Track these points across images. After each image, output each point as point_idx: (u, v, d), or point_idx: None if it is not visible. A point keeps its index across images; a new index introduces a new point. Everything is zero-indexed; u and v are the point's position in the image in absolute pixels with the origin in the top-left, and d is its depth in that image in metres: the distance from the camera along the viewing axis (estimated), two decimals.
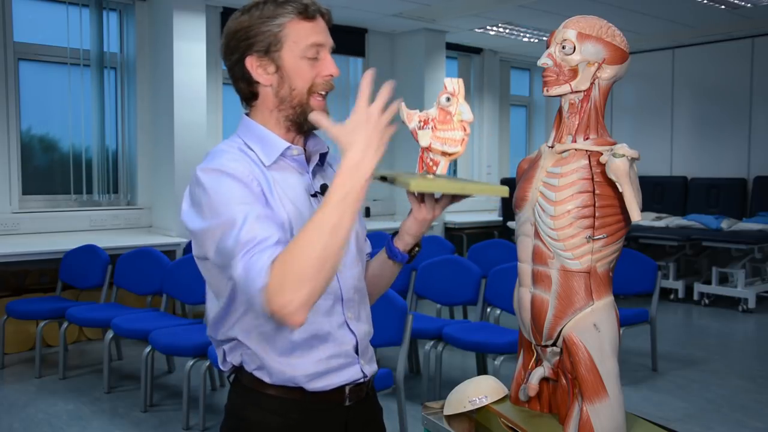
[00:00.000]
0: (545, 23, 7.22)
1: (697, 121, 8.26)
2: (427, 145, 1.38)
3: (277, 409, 1.39)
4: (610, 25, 1.48)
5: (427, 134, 1.37)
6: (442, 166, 1.39)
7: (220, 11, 6.42)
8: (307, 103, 1.39)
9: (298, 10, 1.36)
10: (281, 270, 1.17)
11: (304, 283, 1.16)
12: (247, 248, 1.21)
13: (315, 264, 1.17)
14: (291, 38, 1.37)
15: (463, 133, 1.37)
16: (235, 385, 1.44)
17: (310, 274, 1.17)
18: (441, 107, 1.38)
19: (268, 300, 1.17)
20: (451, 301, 4.63)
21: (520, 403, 1.60)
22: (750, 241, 6.49)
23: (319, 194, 1.42)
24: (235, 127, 1.56)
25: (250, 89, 1.42)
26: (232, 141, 1.44)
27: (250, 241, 1.22)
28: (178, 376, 4.55)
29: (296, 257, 1.17)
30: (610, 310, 1.47)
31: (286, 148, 1.40)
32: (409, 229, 1.50)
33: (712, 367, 4.95)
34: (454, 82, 1.37)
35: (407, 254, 1.53)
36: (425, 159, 1.40)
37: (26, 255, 5.04)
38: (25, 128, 5.81)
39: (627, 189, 1.38)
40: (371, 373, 1.48)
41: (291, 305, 1.16)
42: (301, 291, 1.16)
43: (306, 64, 1.37)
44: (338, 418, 1.43)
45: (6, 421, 3.86)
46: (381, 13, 6.92)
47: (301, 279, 1.16)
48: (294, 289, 1.16)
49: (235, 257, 1.22)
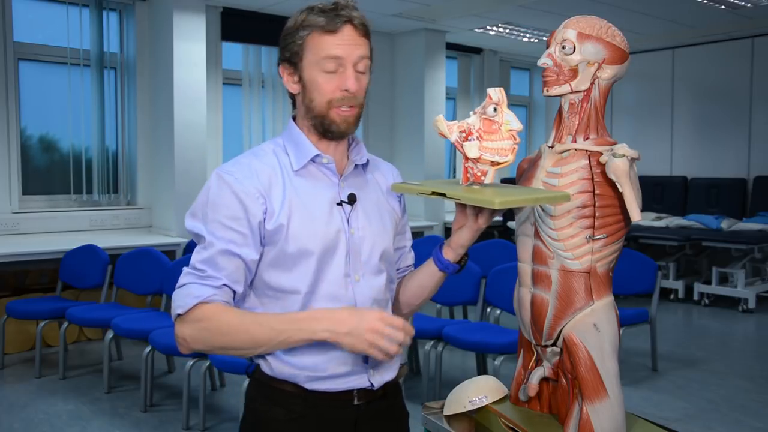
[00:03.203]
0: (545, 23, 7.22)
1: (697, 121, 8.26)
2: (476, 156, 1.37)
3: (284, 402, 1.41)
4: (610, 25, 1.48)
5: (474, 145, 1.37)
6: (489, 175, 1.39)
7: (220, 11, 6.42)
8: (326, 115, 1.40)
9: (320, 22, 1.37)
10: (199, 319, 1.33)
11: (204, 344, 1.35)
12: (195, 273, 1.36)
13: (220, 344, 1.34)
14: (311, 51, 1.38)
15: (512, 142, 1.37)
16: (251, 378, 1.48)
17: (212, 344, 1.35)
18: (486, 117, 1.37)
19: (176, 323, 1.36)
20: (451, 301, 4.63)
21: (520, 403, 1.60)
22: (750, 241, 6.49)
23: (345, 203, 1.44)
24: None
25: (290, 93, 1.47)
26: (274, 142, 1.48)
27: (201, 270, 1.35)
28: (178, 376, 4.55)
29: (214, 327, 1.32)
30: (610, 310, 1.47)
31: (316, 155, 1.43)
32: (464, 241, 1.49)
33: (712, 367, 4.95)
34: (498, 91, 1.38)
35: (458, 264, 1.53)
36: (473, 170, 1.39)
37: (26, 255, 5.04)
38: (25, 128, 5.81)
39: (627, 189, 1.38)
40: (380, 384, 1.46)
41: (186, 345, 1.36)
42: (197, 344, 1.35)
43: (323, 78, 1.38)
44: (347, 415, 1.43)
45: (6, 421, 3.86)
46: (381, 13, 6.92)
47: (204, 340, 1.34)
48: (194, 339, 1.34)
49: (185, 271, 1.38)
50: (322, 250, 1.38)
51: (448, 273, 1.53)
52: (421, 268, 1.57)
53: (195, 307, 1.32)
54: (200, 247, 1.38)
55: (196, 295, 1.33)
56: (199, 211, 1.39)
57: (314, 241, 1.38)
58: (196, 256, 1.37)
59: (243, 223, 1.35)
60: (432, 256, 1.54)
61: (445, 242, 1.53)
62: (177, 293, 1.36)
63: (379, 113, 7.89)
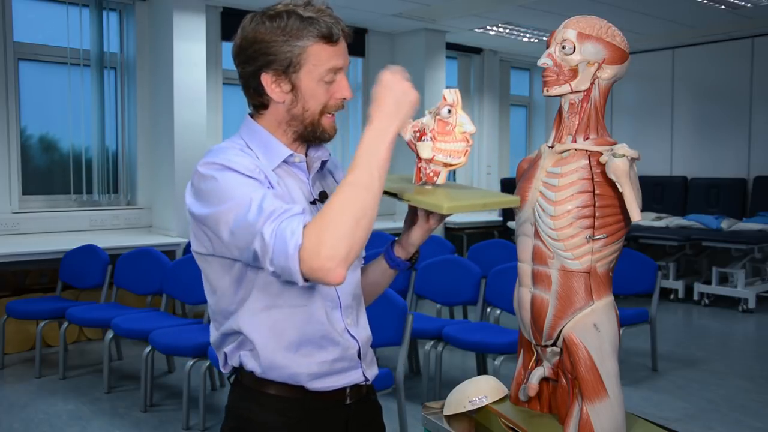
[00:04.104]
0: (545, 23, 7.22)
1: (697, 121, 8.26)
2: (429, 157, 1.36)
3: (277, 407, 1.39)
4: (610, 25, 1.48)
5: (427, 146, 1.36)
6: (442, 175, 1.38)
7: (220, 11, 6.42)
8: (318, 122, 1.39)
9: (322, 33, 1.35)
10: (318, 228, 1.17)
11: (342, 240, 1.16)
12: (273, 217, 1.20)
13: (351, 221, 1.17)
14: (311, 62, 1.35)
15: (465, 144, 1.36)
16: (236, 385, 1.45)
17: (347, 231, 1.17)
18: (440, 118, 1.36)
19: (305, 259, 1.16)
20: (451, 301, 4.63)
21: (520, 403, 1.60)
22: (750, 241, 6.49)
23: (318, 201, 1.42)
24: (234, 127, 1.56)
25: (260, 100, 1.41)
26: (234, 141, 1.43)
27: (275, 211, 1.21)
28: (178, 376, 4.55)
29: (332, 215, 1.18)
30: (610, 310, 1.47)
31: (289, 155, 1.41)
32: (414, 240, 1.49)
33: (712, 367, 4.95)
34: (453, 93, 1.37)
35: (408, 261, 1.53)
36: (426, 170, 1.39)
37: (26, 255, 5.04)
38: (25, 128, 5.81)
39: (627, 189, 1.38)
40: (372, 377, 1.49)
41: (332, 261, 1.16)
42: (340, 247, 1.16)
43: (322, 88, 1.37)
44: (339, 416, 1.43)
45: (6, 421, 3.86)
46: (381, 13, 6.92)
47: (339, 236, 1.16)
48: (333, 246, 1.16)
49: (260, 227, 1.20)
50: None
51: (399, 270, 1.54)
52: (372, 265, 1.57)
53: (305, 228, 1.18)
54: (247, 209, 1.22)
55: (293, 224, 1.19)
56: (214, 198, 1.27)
57: None
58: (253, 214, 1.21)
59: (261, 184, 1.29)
60: (383, 253, 1.54)
61: (396, 240, 1.53)
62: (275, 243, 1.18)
63: None
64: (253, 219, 1.21)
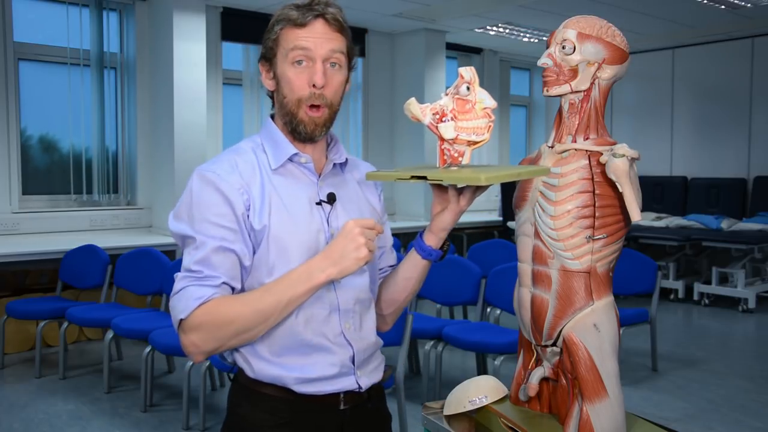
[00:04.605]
0: (545, 23, 7.22)
1: (697, 121, 8.26)
2: (453, 137, 1.34)
3: (268, 407, 1.39)
4: (610, 25, 1.48)
5: (450, 126, 1.33)
6: (467, 155, 1.36)
7: (220, 11, 6.42)
8: (296, 114, 1.39)
9: (290, 16, 1.37)
10: (203, 319, 1.28)
11: (215, 341, 1.30)
12: (192, 276, 1.32)
13: (232, 332, 1.30)
14: (282, 45, 1.39)
15: (488, 120, 1.35)
16: (234, 382, 1.46)
17: (223, 336, 1.30)
18: (459, 97, 1.34)
19: (182, 330, 1.30)
20: (451, 301, 4.63)
21: (520, 403, 1.60)
22: (750, 241, 6.49)
23: (324, 202, 1.42)
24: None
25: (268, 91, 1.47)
26: (252, 140, 1.47)
27: (198, 272, 1.32)
28: (178, 376, 4.55)
29: (223, 319, 1.29)
30: (610, 310, 1.47)
31: (294, 154, 1.41)
32: (445, 224, 1.47)
33: (712, 367, 4.95)
34: (469, 70, 1.35)
35: (441, 251, 1.50)
36: (450, 151, 1.36)
37: (26, 255, 5.04)
38: (25, 128, 5.81)
39: (627, 189, 1.38)
40: (369, 386, 1.46)
41: (196, 349, 1.30)
42: (209, 344, 1.30)
43: (292, 72, 1.37)
44: (332, 420, 1.42)
45: (6, 421, 3.86)
46: (381, 13, 6.92)
47: (215, 337, 1.29)
48: (204, 340, 1.29)
49: (181, 273, 1.34)
50: (302, 251, 1.36)
51: (431, 260, 1.50)
52: (403, 262, 1.54)
53: (198, 308, 1.28)
54: (191, 248, 1.34)
55: (197, 296, 1.29)
56: (185, 213, 1.36)
57: (295, 242, 1.36)
58: (188, 258, 1.34)
59: (231, 218, 1.33)
60: (413, 245, 1.51)
61: (426, 228, 1.51)
62: (176, 299, 1.32)
63: (379, 113, 7.89)
64: (185, 261, 1.35)
